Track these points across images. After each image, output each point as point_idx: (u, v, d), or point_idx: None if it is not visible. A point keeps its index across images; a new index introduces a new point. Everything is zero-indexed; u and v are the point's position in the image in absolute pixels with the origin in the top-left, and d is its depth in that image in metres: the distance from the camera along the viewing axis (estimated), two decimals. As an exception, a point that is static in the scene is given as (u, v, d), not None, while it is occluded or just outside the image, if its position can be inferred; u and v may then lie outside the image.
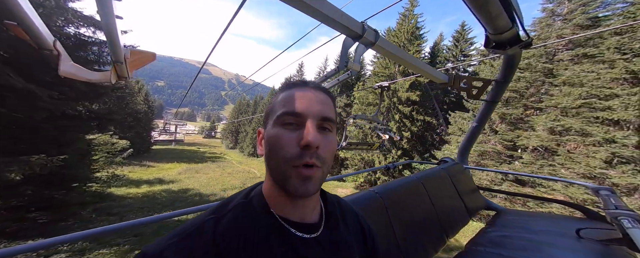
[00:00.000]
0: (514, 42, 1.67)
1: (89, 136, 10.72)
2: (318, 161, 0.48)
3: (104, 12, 0.84)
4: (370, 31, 1.30)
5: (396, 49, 1.62)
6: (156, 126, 46.61)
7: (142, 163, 24.01)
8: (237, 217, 0.50)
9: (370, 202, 1.42)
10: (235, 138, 44.80)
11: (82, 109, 8.81)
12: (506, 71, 2.25)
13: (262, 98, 44.30)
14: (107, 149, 13.27)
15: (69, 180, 8.58)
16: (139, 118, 29.94)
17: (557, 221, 2.10)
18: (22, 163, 5.89)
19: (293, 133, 0.48)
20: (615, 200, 1.78)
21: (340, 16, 1.17)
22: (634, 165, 7.56)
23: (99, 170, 11.99)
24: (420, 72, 2.04)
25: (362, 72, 27.48)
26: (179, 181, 18.36)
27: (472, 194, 2.57)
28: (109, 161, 13.53)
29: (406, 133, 17.99)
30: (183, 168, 23.23)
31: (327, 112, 0.51)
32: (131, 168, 20.78)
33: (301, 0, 1.02)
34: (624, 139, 7.57)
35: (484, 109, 2.69)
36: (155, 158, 28.03)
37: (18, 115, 6.46)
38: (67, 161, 7.31)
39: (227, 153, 40.10)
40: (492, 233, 1.95)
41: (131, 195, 14.31)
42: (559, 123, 9.17)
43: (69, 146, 8.06)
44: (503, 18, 1.41)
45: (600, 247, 1.58)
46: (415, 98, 17.49)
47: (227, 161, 29.91)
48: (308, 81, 0.57)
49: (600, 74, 8.06)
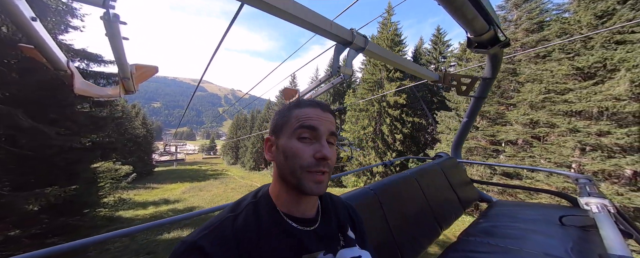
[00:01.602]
0: (494, 43, 1.82)
1: (94, 164, 11.30)
2: (328, 169, 0.60)
3: (112, 35, 0.93)
4: (359, 37, 1.41)
5: (386, 52, 1.73)
6: (156, 149, 47.01)
7: (146, 186, 24.44)
8: (249, 214, 0.59)
9: (366, 199, 1.49)
10: (235, 154, 45.07)
11: (86, 141, 9.44)
12: (491, 69, 2.40)
13: (258, 112, 44.92)
14: (112, 176, 13.79)
15: (80, 206, 9.12)
16: (138, 142, 30.37)
17: (544, 210, 2.19)
18: (38, 195, 6.46)
19: (309, 146, 0.59)
20: (590, 188, 1.88)
21: (330, 25, 1.28)
22: (601, 151, 8.21)
23: (106, 195, 12.54)
24: (411, 72, 2.17)
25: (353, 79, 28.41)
26: (184, 200, 18.82)
27: (466, 187, 2.65)
28: (115, 186, 14.04)
29: (398, 135, 18.59)
30: (186, 187, 23.63)
31: (333, 129, 0.63)
32: (136, 191, 21.21)
33: (293, 15, 1.12)
34: (586, 128, 8.28)
35: (473, 105, 2.80)
36: (159, 180, 28.44)
37: (29, 153, 7.07)
38: (77, 190, 7.88)
39: (228, 169, 40.46)
40: (483, 223, 2.03)
41: (139, 216, 14.85)
42: (528, 117, 9.94)
43: (78, 176, 8.64)
44: (479, 21, 1.53)
45: (579, 232, 1.67)
46: (402, 101, 18.18)
47: (229, 177, 30.35)
48: (316, 101, 0.66)
49: (553, 72, 8.89)
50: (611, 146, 8.02)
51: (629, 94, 7.43)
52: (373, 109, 19.25)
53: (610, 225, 1.34)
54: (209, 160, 57.68)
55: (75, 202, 8.81)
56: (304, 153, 0.58)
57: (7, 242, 6.80)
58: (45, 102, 7.72)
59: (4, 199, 6.07)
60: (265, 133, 19.92)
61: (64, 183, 7.36)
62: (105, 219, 11.87)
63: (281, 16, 1.12)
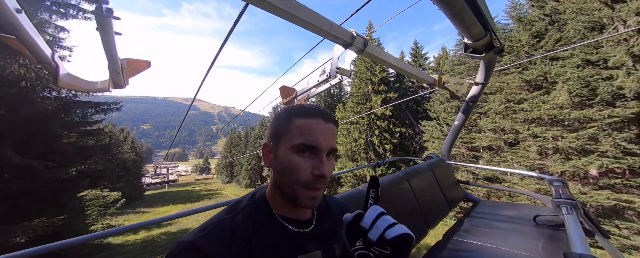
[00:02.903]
0: (489, 48, 1.87)
1: (81, 193, 11.25)
2: (324, 184, 0.60)
3: (104, 29, 0.91)
4: (359, 39, 1.42)
5: (384, 54, 1.75)
6: (146, 172, 45.90)
7: (136, 210, 23.76)
8: (246, 217, 0.60)
9: (359, 198, 1.54)
10: (230, 172, 44.43)
11: (73, 171, 9.50)
12: (484, 74, 2.50)
13: (253, 129, 44.92)
14: (99, 203, 13.61)
15: (68, 236, 8.95)
16: (127, 167, 29.49)
17: (521, 210, 2.35)
18: (26, 228, 6.53)
19: (307, 161, 0.58)
20: (562, 190, 1.97)
21: (331, 27, 1.30)
22: (559, 154, 8.93)
23: (94, 223, 12.33)
24: (408, 75, 2.23)
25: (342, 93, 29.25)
26: (177, 223, 18.35)
27: (453, 187, 2.78)
28: (102, 213, 13.84)
29: (388, 145, 19.09)
30: (180, 210, 23.00)
31: (334, 144, 0.61)
32: (126, 217, 20.71)
33: (296, 16, 1.14)
34: (543, 133, 9.06)
35: (465, 109, 2.87)
36: (149, 204, 27.73)
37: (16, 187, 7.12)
38: (64, 219, 7.91)
39: (223, 188, 39.65)
40: (466, 223, 2.15)
41: (129, 242, 14.59)
42: (495, 124, 10.70)
43: (66, 206, 8.69)
44: (477, 27, 1.57)
45: (550, 231, 1.83)
46: (388, 112, 18.85)
47: (224, 196, 29.84)
48: (320, 109, 0.63)
49: (509, 83, 9.79)
50: (566, 149, 8.76)
51: (570, 103, 8.34)
52: (363, 122, 19.83)
53: (575, 225, 1.41)
54: (203, 180, 56.44)
55: (63, 232, 8.76)
56: (302, 169, 0.58)
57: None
58: (33, 136, 7.89)
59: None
60: (259, 151, 19.94)
61: (51, 214, 7.42)
62: (93, 247, 11.66)
63: (283, 16, 1.14)
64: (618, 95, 7.76)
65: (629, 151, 7.58)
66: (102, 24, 0.88)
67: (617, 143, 7.66)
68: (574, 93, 8.11)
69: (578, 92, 8.01)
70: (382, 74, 19.63)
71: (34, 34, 0.91)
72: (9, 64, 7.10)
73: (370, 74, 19.84)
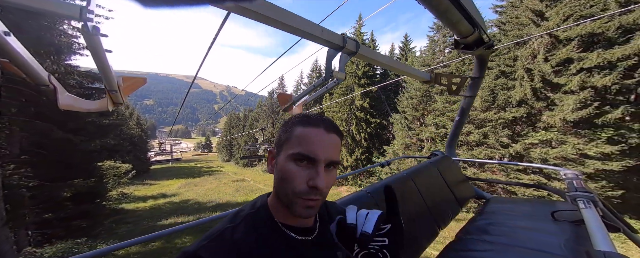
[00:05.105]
0: (479, 44, 1.90)
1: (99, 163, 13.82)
2: (320, 196, 0.59)
3: (93, 48, 0.88)
4: (350, 42, 1.43)
5: (378, 55, 1.76)
6: (152, 147, 48.59)
7: (144, 182, 26.55)
8: (248, 225, 0.60)
9: (363, 202, 1.49)
10: (229, 151, 46.60)
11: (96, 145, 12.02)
12: (478, 69, 2.49)
13: (251, 110, 46.42)
14: (114, 173, 16.18)
15: (94, 197, 11.83)
16: (134, 142, 31.88)
17: (537, 206, 2.23)
18: (70, 186, 9.12)
19: (304, 171, 0.58)
20: (577, 183, 1.84)
21: (321, 32, 1.29)
22: (467, 146, 11.72)
23: (110, 190, 14.86)
24: (403, 74, 2.22)
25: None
26: (180, 194, 20.99)
27: (461, 184, 2.64)
28: (117, 182, 16.31)
29: (364, 134, 21.49)
30: (182, 183, 25.70)
31: (334, 156, 0.60)
32: (136, 187, 23.38)
33: (283, 22, 1.12)
34: (466, 130, 11.77)
35: (464, 104, 2.85)
36: (156, 177, 30.29)
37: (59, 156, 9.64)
38: (95, 182, 10.56)
39: (223, 165, 41.68)
40: (480, 221, 2.02)
41: (140, 208, 17.43)
42: (435, 120, 13.48)
43: (93, 172, 11.30)
44: (464, 24, 1.59)
45: (571, 227, 1.70)
46: (366, 105, 21.08)
47: (223, 174, 31.93)
48: (324, 118, 0.63)
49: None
50: (471, 142, 11.60)
51: (481, 107, 10.73)
52: (344, 111, 22.03)
53: (595, 220, 1.29)
54: (203, 157, 58.96)
55: (91, 193, 11.49)
56: (297, 179, 0.58)
57: (43, 223, 9.49)
58: (65, 116, 10.27)
59: (46, 189, 8.72)
60: (256, 132, 22.98)
61: (85, 177, 10.02)
62: (110, 210, 14.38)
63: (271, 24, 1.11)
64: (508, 102, 10.44)
65: (504, 144, 10.38)
66: (90, 43, 0.86)
67: (498, 138, 10.40)
68: (484, 98, 10.81)
69: (486, 98, 10.69)
70: (365, 68, 21.54)
71: (27, 56, 0.88)
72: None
73: (355, 68, 21.71)
